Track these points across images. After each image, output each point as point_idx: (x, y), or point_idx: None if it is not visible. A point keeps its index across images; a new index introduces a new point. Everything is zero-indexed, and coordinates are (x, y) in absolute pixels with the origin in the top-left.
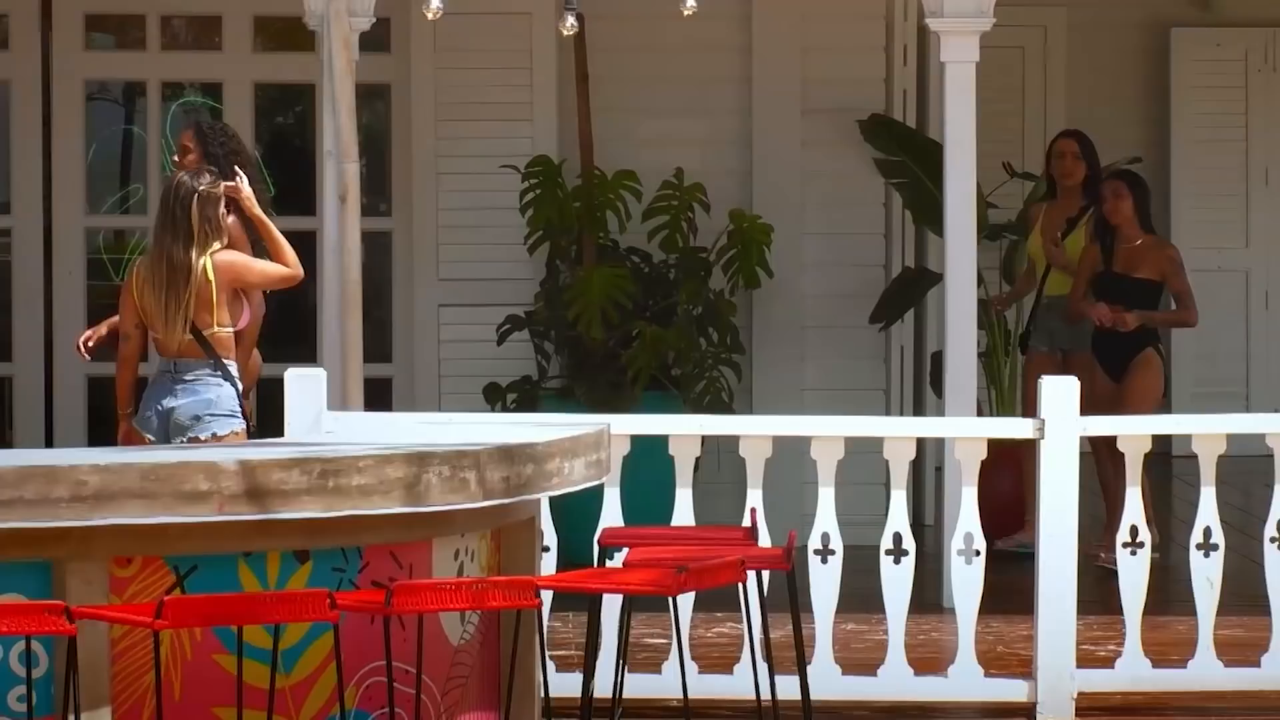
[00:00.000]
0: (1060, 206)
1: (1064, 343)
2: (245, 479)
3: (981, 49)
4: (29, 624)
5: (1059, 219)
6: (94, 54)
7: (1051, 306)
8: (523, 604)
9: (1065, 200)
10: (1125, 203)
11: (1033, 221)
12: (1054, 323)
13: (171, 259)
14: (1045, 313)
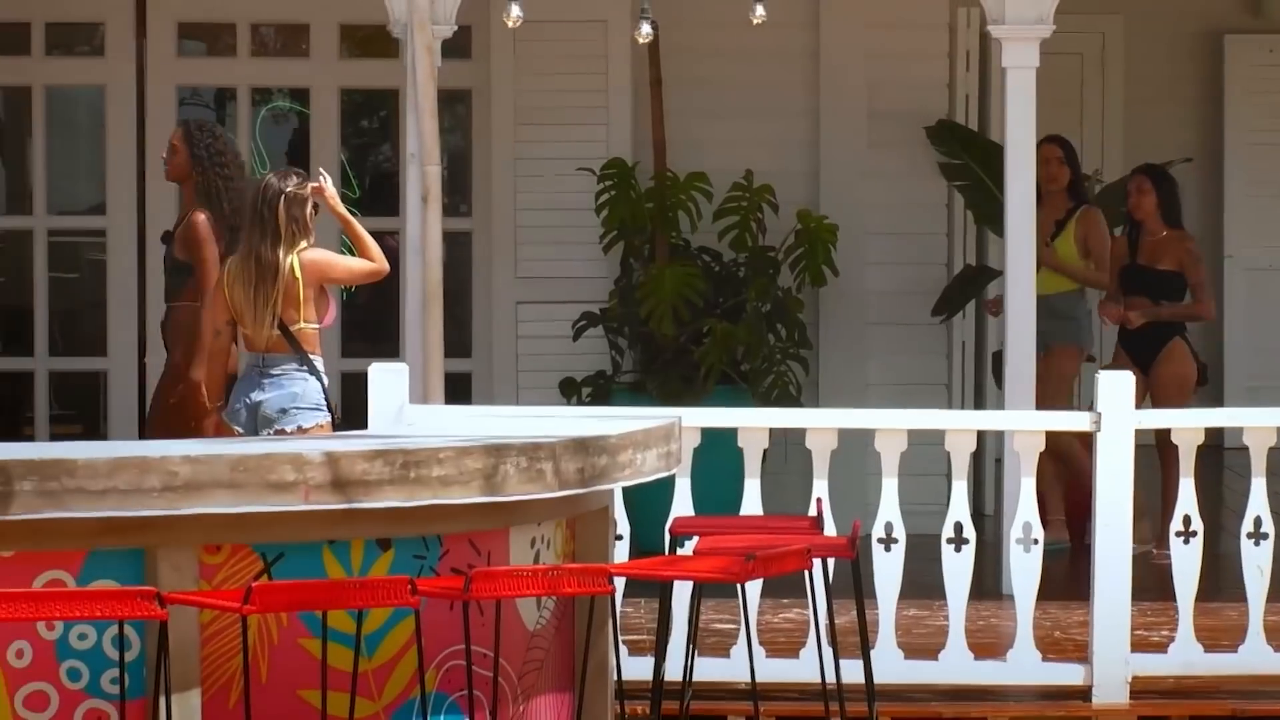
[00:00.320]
0: (1047, 209)
1: (1052, 339)
2: (330, 469)
3: (1041, 55)
4: (122, 609)
5: (1047, 222)
6: (186, 60)
7: (1039, 306)
8: (596, 590)
9: (1052, 203)
10: (1148, 198)
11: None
12: (1043, 321)
13: (260, 257)
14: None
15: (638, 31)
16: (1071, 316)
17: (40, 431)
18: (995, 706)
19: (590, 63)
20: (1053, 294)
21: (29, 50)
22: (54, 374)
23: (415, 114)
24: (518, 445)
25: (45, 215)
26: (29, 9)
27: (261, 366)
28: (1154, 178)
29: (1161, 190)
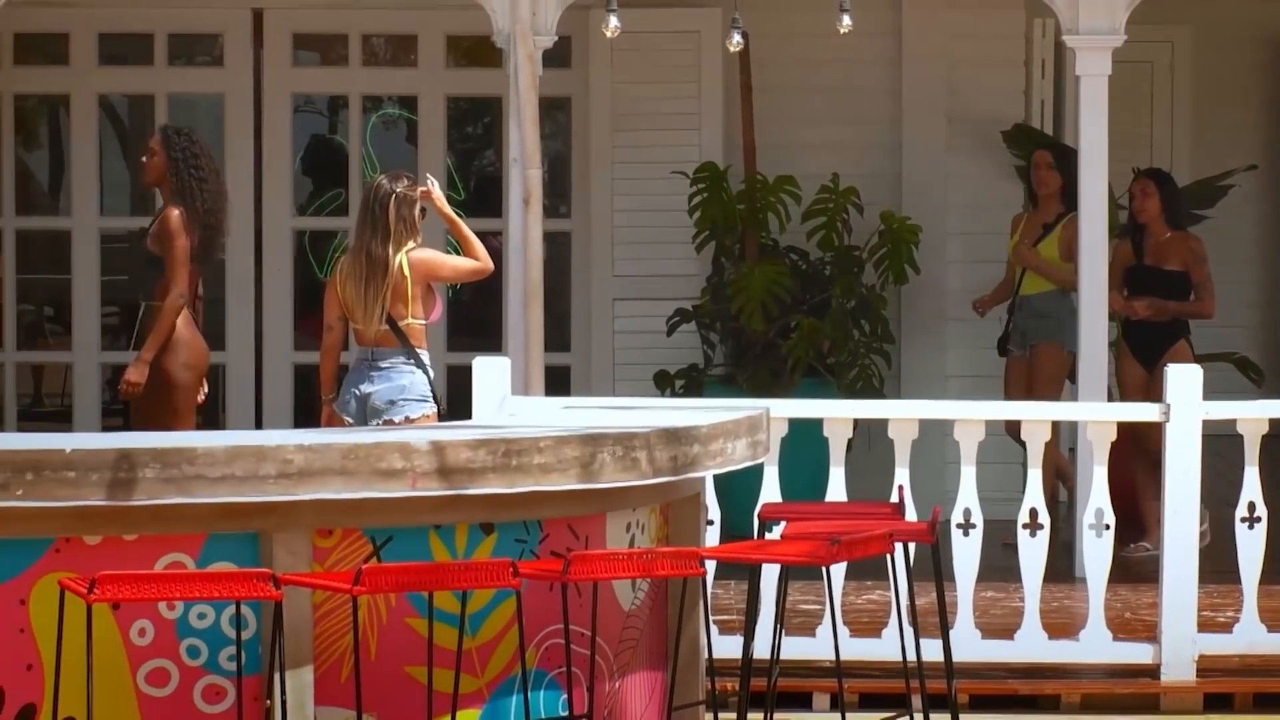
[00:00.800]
0: (1039, 213)
1: (1035, 337)
2: (436, 457)
3: (1113, 62)
4: (239, 590)
5: (1037, 225)
6: (300, 70)
7: (1023, 306)
8: (688, 573)
9: (1044, 208)
10: (1152, 200)
11: (1015, 226)
12: (1025, 321)
13: (370, 255)
14: (1018, 312)
15: (729, 41)
16: (1054, 315)
17: None
18: (1068, 684)
19: (684, 71)
20: (1035, 294)
21: (153, 60)
22: None
23: (517, 120)
24: (614, 435)
25: None
26: (153, 21)
27: (371, 360)
28: (1157, 180)
29: (1164, 193)
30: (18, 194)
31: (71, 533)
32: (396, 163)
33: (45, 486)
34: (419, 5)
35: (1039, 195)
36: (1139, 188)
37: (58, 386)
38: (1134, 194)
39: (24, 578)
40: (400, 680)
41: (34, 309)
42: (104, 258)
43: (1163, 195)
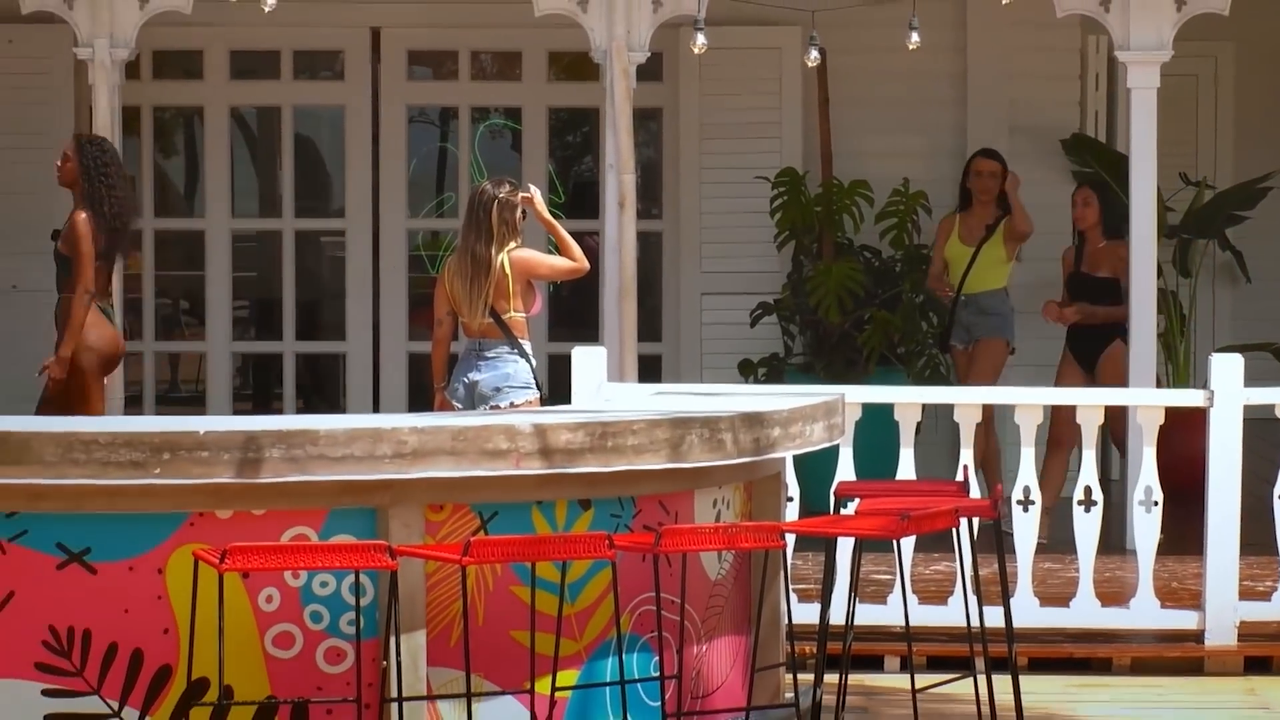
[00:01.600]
0: (977, 215)
1: (979, 333)
2: (538, 439)
3: (1161, 76)
4: (358, 560)
5: (978, 226)
6: (415, 83)
7: (968, 304)
8: (770, 545)
9: (981, 210)
10: (1091, 209)
11: (947, 230)
12: (971, 317)
13: (475, 255)
14: (962, 309)
15: (807, 57)
16: (998, 312)
17: (288, 406)
18: (1119, 648)
19: (766, 84)
20: (980, 292)
21: (279, 75)
22: (300, 355)
23: (613, 130)
24: (701, 418)
25: (292, 218)
26: (280, 39)
27: (478, 350)
28: (1098, 190)
29: (1103, 202)
30: (156, 198)
31: (204, 508)
32: (502, 169)
33: (180, 465)
34: (523, 24)
35: (979, 200)
36: (1080, 196)
37: (192, 374)
38: (1075, 202)
39: (161, 549)
40: (505, 643)
41: (171, 303)
42: (234, 256)
43: (1102, 204)
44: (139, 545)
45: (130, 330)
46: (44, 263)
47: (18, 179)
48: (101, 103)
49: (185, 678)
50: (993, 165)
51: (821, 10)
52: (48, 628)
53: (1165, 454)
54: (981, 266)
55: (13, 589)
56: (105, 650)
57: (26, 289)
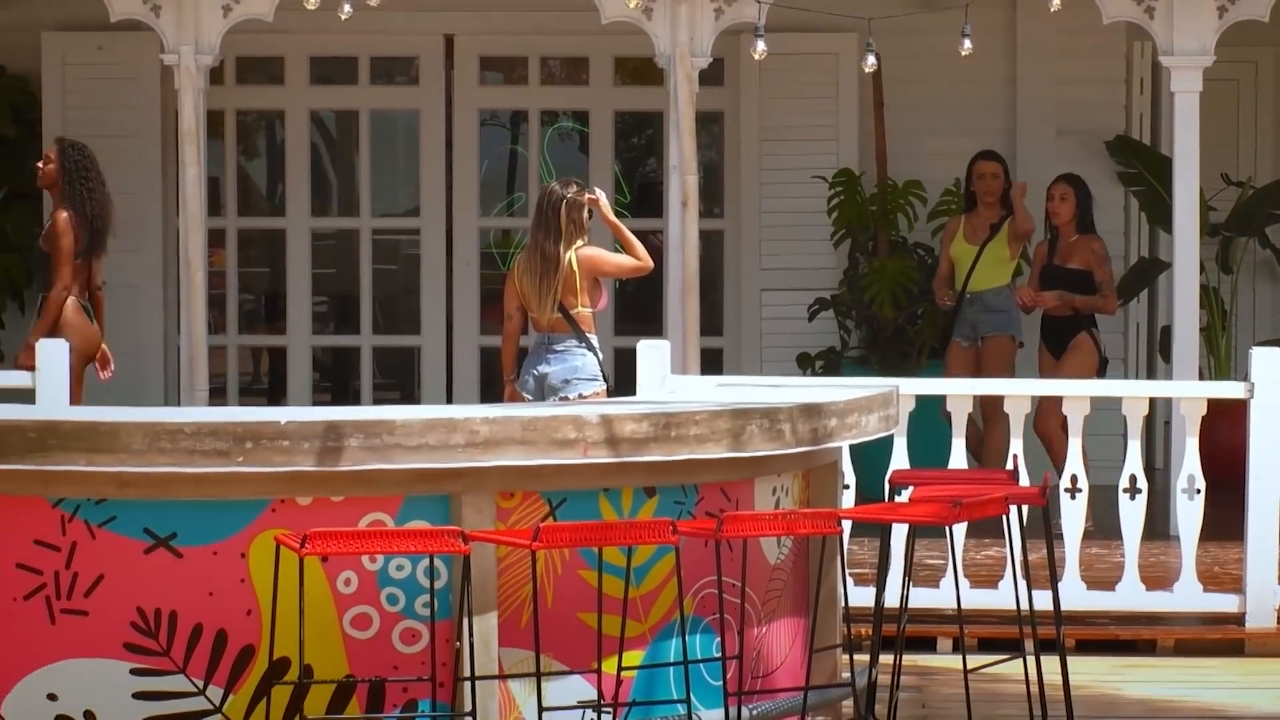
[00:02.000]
0: (982, 216)
1: (986, 330)
2: (605, 429)
3: (1204, 81)
4: (432, 545)
5: (983, 225)
6: (486, 88)
7: (974, 301)
8: (827, 531)
9: (985, 211)
10: (1068, 204)
11: (953, 231)
12: (977, 314)
13: (544, 253)
14: (968, 307)
15: (864, 62)
16: (1003, 309)
17: (365, 397)
18: (1163, 630)
19: (823, 88)
20: (986, 290)
21: (357, 80)
22: (376, 349)
23: (676, 132)
24: (761, 409)
25: (369, 217)
26: (358, 46)
27: (547, 344)
28: (1074, 185)
29: (1079, 197)
30: (239, 198)
31: (285, 494)
32: (570, 170)
33: (262, 454)
34: (591, 31)
35: (983, 202)
36: (1057, 192)
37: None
38: (1051, 196)
39: (244, 534)
40: (573, 625)
41: (253, 298)
42: (314, 254)
43: (1078, 200)
44: (223, 530)
45: (214, 324)
46: (130, 261)
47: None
48: (187, 107)
49: (267, 657)
50: (994, 167)
51: (877, 17)
52: (136, 609)
53: (1207, 444)
54: (986, 265)
55: (102, 572)
56: (191, 631)
57: (116, 284)
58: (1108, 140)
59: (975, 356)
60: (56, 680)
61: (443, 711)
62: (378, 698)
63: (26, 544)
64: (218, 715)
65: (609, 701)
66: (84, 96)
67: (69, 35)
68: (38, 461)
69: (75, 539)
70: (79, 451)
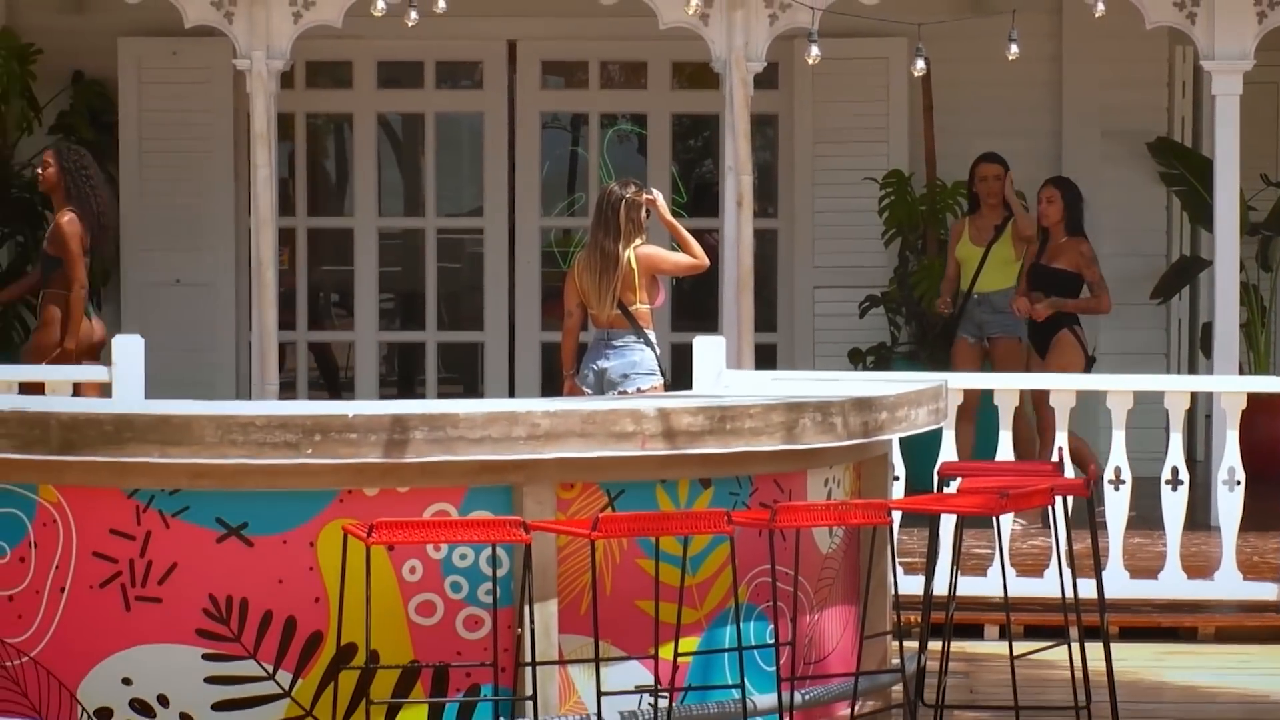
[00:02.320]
0: (986, 218)
1: (993, 330)
2: (662, 422)
3: (1244, 84)
4: (495, 534)
5: (988, 227)
6: (548, 92)
7: (982, 301)
8: (878, 521)
9: (989, 213)
10: (1055, 206)
11: (958, 234)
12: (985, 315)
13: (604, 251)
14: (975, 306)
15: (913, 67)
16: (1010, 310)
17: (430, 391)
18: (1203, 617)
19: (874, 92)
20: (993, 291)
21: (423, 84)
22: (441, 345)
23: (732, 134)
24: (814, 403)
25: (435, 217)
26: (423, 51)
27: (606, 339)
28: (1062, 189)
29: (1066, 200)
30: (309, 198)
31: (353, 485)
32: (629, 171)
33: (331, 446)
34: (649, 36)
35: (986, 204)
36: (1045, 194)
37: (341, 361)
38: (1040, 199)
39: (313, 524)
40: (631, 612)
41: (322, 296)
42: (381, 252)
43: (1065, 202)
44: (292, 520)
45: (284, 321)
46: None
47: (181, 182)
48: (258, 110)
49: (335, 643)
50: (995, 169)
51: (926, 23)
52: (208, 596)
53: (1247, 437)
54: (992, 266)
55: (176, 561)
56: (261, 618)
57: (189, 282)
58: (1150, 142)
59: (981, 354)
60: (131, 665)
61: (504, 696)
62: (441, 682)
63: (103, 533)
64: (287, 699)
65: (665, 686)
66: (159, 100)
67: (144, 41)
68: (114, 453)
69: (150, 528)
70: (154, 444)
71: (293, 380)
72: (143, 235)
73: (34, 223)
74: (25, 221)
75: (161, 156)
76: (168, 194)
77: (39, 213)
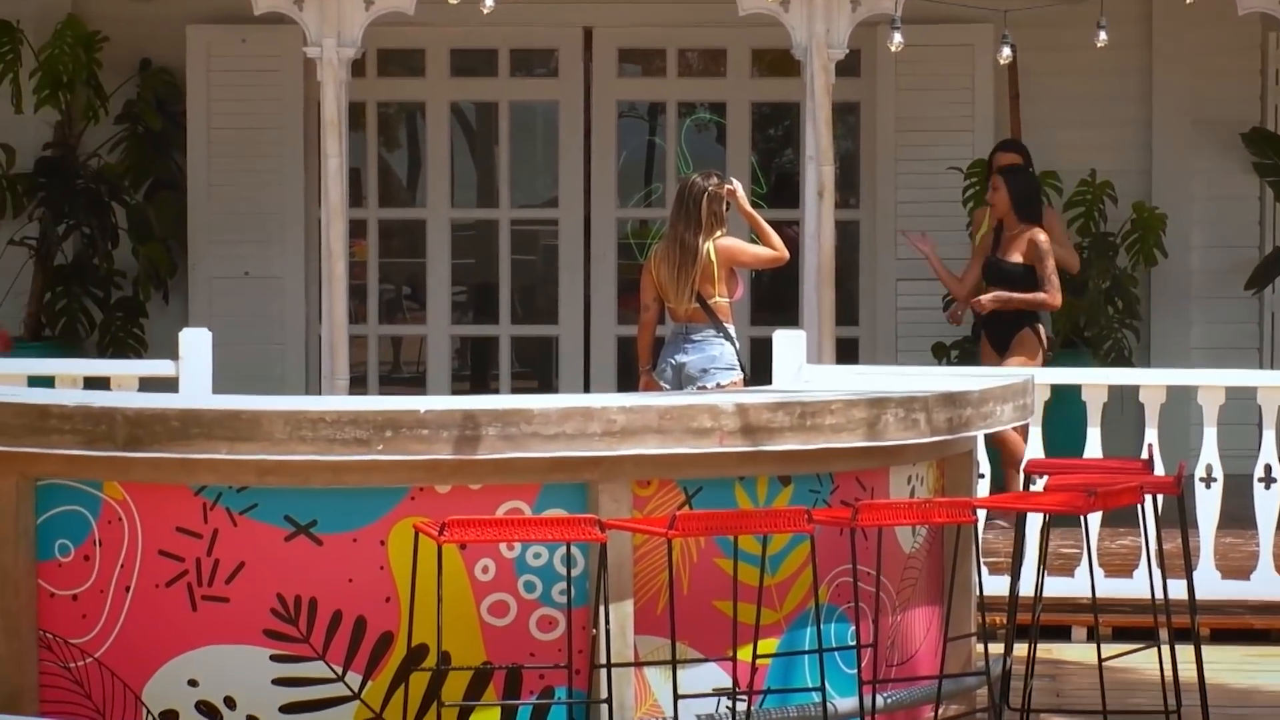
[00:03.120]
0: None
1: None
2: (740, 418)
3: None
4: (570, 533)
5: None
6: (624, 80)
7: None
8: (962, 520)
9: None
10: (1000, 195)
11: (979, 223)
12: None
13: (684, 243)
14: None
15: (999, 54)
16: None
17: (503, 386)
18: None
19: (959, 80)
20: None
21: (497, 72)
22: (515, 338)
23: (813, 123)
24: (896, 398)
25: (508, 208)
26: (497, 38)
27: (685, 333)
28: (1006, 176)
29: (1012, 188)
30: (380, 188)
31: (424, 482)
32: (707, 161)
33: (402, 442)
34: (728, 23)
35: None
36: (992, 184)
37: (414, 355)
38: (990, 188)
39: (383, 522)
40: (709, 613)
41: (393, 288)
42: (454, 244)
43: (1011, 191)
44: (362, 518)
45: (355, 314)
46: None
47: (251, 172)
48: (329, 99)
49: (405, 644)
50: (1011, 158)
51: (1013, 9)
52: (276, 596)
53: None
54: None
55: (243, 559)
56: (330, 618)
57: (258, 275)
58: (1242, 131)
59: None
60: (197, 667)
61: (579, 698)
62: (514, 684)
63: (169, 531)
64: (356, 702)
65: (744, 689)
66: (227, 89)
67: (213, 28)
68: (180, 449)
69: (217, 526)
70: (221, 439)
71: (363, 374)
72: (211, 227)
73: (101, 213)
74: (92, 212)
75: (230, 146)
76: (236, 184)
77: (105, 203)
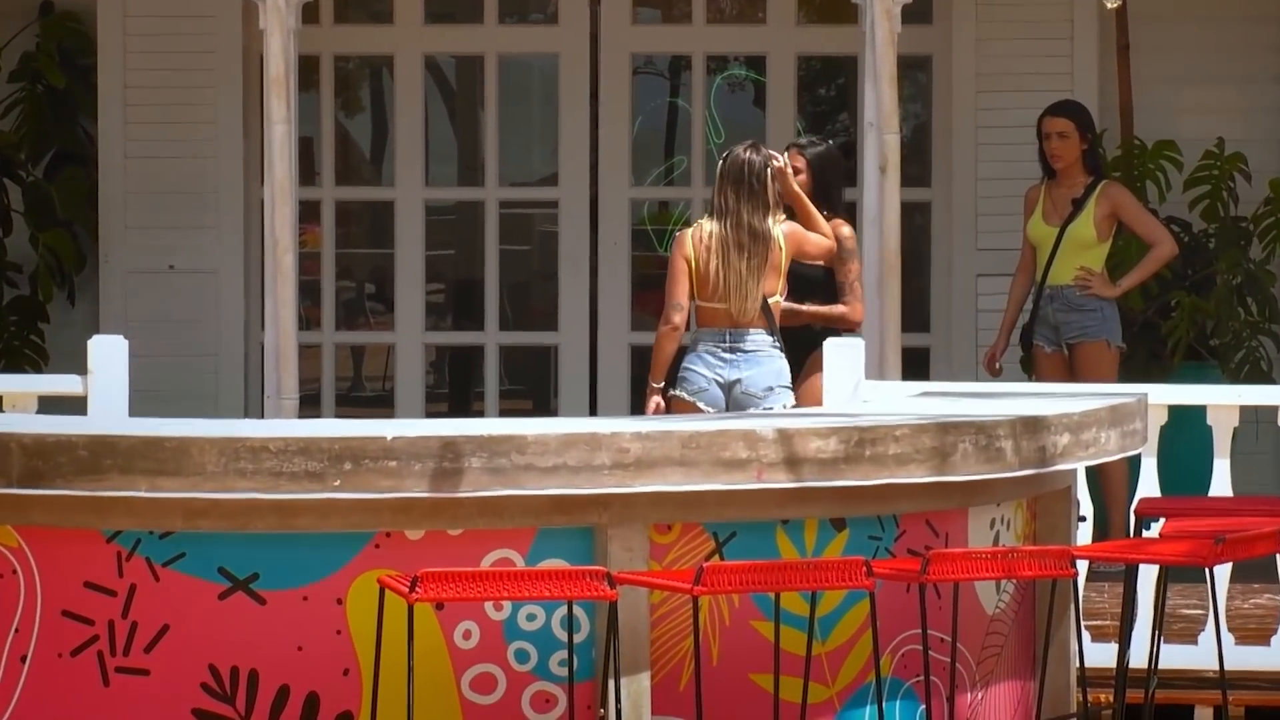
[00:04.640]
0: (1062, 188)
1: (1070, 335)
2: (783, 447)
3: None
4: (572, 589)
5: (1063, 201)
6: (641, 28)
7: (1055, 297)
8: (1058, 574)
9: (1066, 181)
10: (802, 177)
11: (1031, 204)
12: (1060, 314)
13: (753, 229)
14: (1048, 304)
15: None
16: (1092, 308)
17: (489, 407)
18: None
19: (1055, 27)
20: (1067, 284)
21: (482, 18)
22: (504, 348)
23: (874, 81)
24: (975, 423)
25: (497, 186)
26: None
27: (730, 342)
28: (808, 155)
29: (814, 169)
30: (337, 162)
31: (392, 526)
32: (743, 128)
33: (364, 477)
34: None
35: (1056, 169)
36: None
37: (379, 369)
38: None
39: (341, 575)
40: (744, 688)
41: (354, 286)
42: (428, 231)
43: (810, 170)
44: (315, 571)
45: (306, 318)
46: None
47: (178, 141)
48: (274, 51)
49: None
50: (1061, 124)
51: None
52: (207, 667)
53: None
54: (1067, 251)
55: (167, 622)
56: (275, 694)
57: (186, 269)
58: None
59: (1063, 363)
60: None
61: None
62: None
63: (75, 587)
64: None
65: None
66: (149, 39)
67: None
68: (90, 486)
69: (134, 581)
70: (140, 474)
71: (317, 393)
72: (127, 209)
73: None
74: None
75: (152, 110)
76: (159, 157)
77: None
